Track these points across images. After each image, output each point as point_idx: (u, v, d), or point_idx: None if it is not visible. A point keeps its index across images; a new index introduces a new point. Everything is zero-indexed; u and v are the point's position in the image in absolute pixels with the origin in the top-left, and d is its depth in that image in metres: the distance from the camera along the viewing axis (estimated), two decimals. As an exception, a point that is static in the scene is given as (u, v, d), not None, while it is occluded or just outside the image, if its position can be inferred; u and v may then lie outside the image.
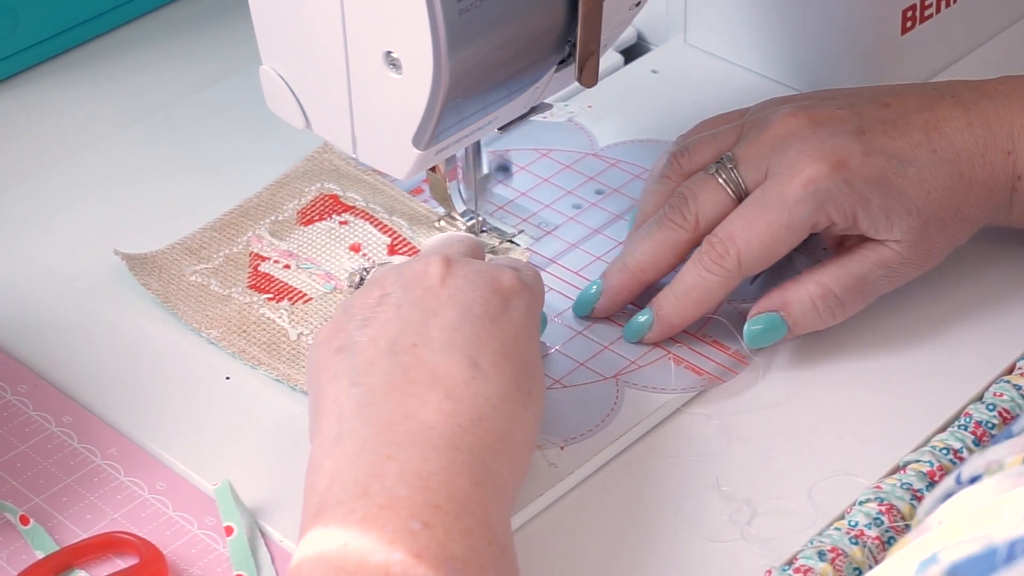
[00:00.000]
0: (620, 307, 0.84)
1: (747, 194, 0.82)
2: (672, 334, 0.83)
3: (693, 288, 0.81)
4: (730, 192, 0.82)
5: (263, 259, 0.88)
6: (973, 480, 0.59)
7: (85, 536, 0.75)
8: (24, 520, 0.75)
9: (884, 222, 0.81)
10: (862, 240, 0.82)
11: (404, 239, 0.88)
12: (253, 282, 0.87)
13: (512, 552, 0.68)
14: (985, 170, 0.83)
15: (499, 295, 0.73)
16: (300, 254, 0.88)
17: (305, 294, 0.86)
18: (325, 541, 0.64)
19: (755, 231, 0.80)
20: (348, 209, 0.90)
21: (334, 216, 0.90)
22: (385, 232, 0.89)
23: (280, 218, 0.90)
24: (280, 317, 0.84)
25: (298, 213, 0.90)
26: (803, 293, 0.81)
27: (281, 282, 0.86)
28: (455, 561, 0.64)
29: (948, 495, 0.59)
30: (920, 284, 0.86)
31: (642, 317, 0.82)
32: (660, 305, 0.82)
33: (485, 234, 0.88)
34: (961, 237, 0.84)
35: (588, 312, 0.84)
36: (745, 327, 0.82)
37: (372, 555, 0.63)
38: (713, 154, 0.85)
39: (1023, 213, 0.84)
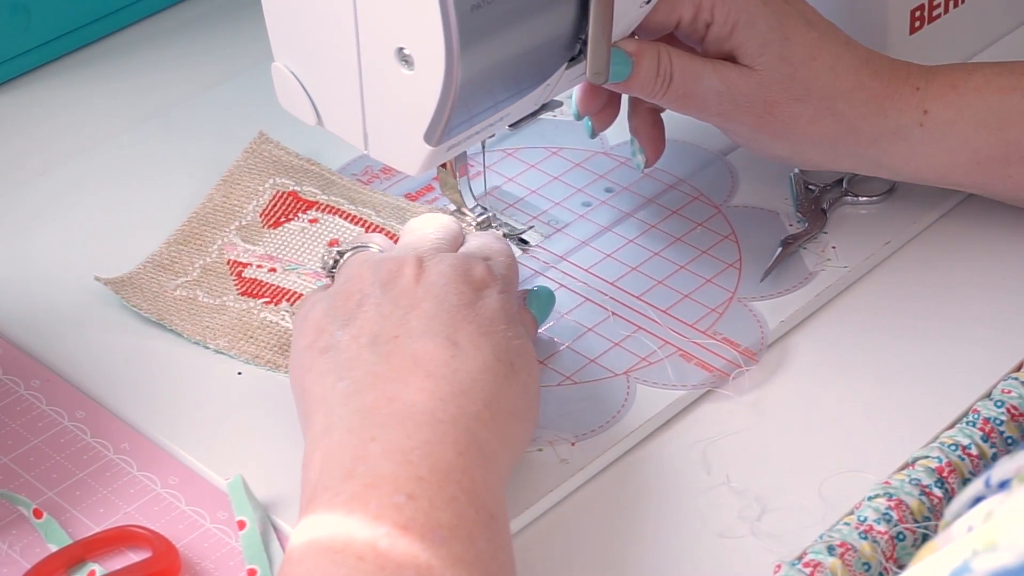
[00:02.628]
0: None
1: None
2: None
3: None
4: None
5: (243, 265, 0.88)
6: (1003, 485, 0.59)
7: (98, 530, 0.75)
8: (37, 513, 0.76)
9: (756, 48, 0.82)
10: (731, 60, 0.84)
11: (377, 227, 0.89)
12: (243, 289, 0.87)
13: (504, 520, 0.69)
14: (886, 88, 0.84)
15: (471, 286, 0.75)
16: (281, 256, 0.88)
17: (300, 293, 0.86)
18: (314, 526, 0.66)
19: None
20: (312, 205, 0.91)
21: (301, 216, 0.90)
22: (356, 223, 0.89)
23: (245, 223, 0.90)
24: (282, 319, 0.85)
25: (261, 215, 0.90)
26: (655, 53, 0.82)
27: (272, 285, 0.87)
28: (442, 529, 0.65)
29: (978, 498, 0.59)
30: (929, 281, 0.86)
31: None
32: None
33: (495, 231, 0.89)
34: (815, 128, 0.84)
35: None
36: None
37: (358, 532, 0.64)
38: None
39: (930, 156, 0.85)
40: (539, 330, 0.83)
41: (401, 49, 0.73)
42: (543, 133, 0.97)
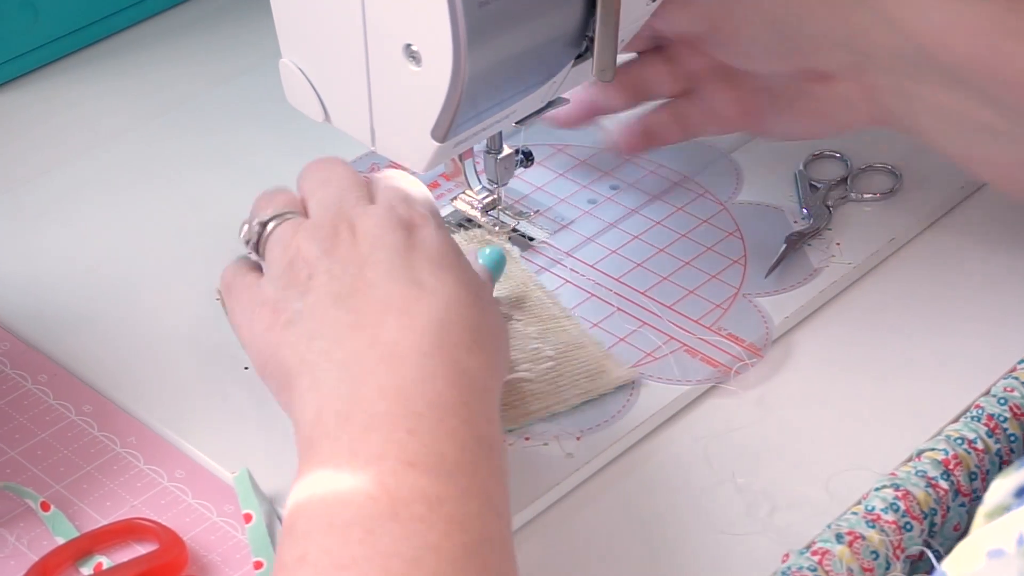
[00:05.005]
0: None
1: None
2: None
3: None
4: None
5: None
6: None
7: (105, 522, 0.75)
8: (45, 506, 0.76)
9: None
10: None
11: None
12: None
13: (502, 449, 0.69)
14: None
15: (405, 228, 0.74)
16: None
17: None
18: (316, 477, 0.66)
19: None
20: None
21: None
22: None
23: None
24: None
25: None
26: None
27: None
28: (447, 462, 0.65)
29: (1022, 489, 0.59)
30: (933, 278, 0.86)
31: None
32: None
33: (500, 212, 0.89)
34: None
35: None
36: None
37: (364, 474, 0.65)
38: None
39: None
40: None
41: (409, 46, 0.74)
42: (549, 129, 0.97)
